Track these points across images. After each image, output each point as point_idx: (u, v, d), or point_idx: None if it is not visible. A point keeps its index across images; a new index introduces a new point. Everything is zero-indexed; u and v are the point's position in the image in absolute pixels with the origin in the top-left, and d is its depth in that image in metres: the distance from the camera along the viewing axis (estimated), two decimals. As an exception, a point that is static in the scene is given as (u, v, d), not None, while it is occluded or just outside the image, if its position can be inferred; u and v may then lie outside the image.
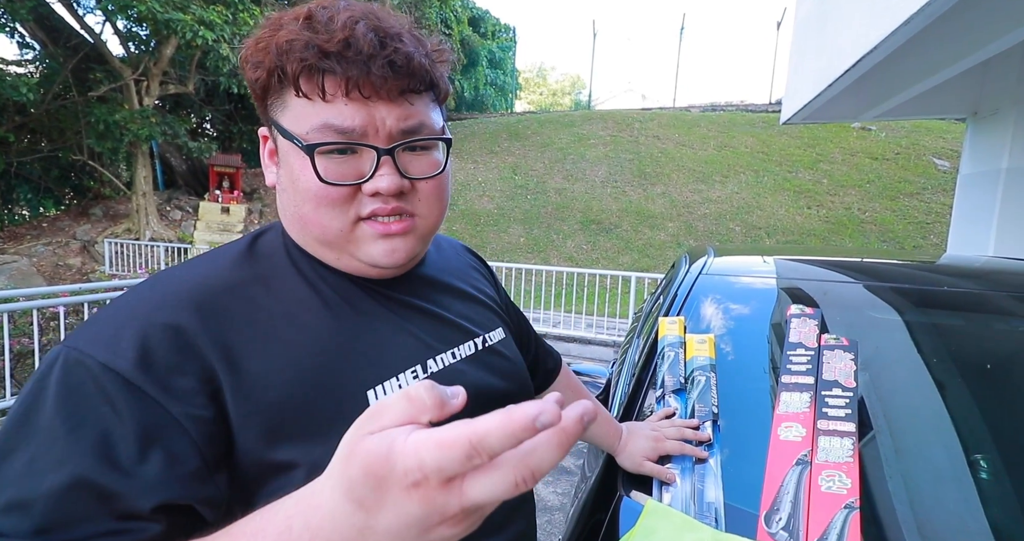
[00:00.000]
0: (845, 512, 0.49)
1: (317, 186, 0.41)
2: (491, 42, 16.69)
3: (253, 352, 0.39)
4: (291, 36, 0.39)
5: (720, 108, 13.11)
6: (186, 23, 7.02)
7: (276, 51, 0.39)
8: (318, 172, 0.40)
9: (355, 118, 0.40)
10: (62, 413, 0.32)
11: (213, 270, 0.43)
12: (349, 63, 0.39)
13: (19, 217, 10.91)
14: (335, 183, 0.41)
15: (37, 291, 3.28)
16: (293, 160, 0.42)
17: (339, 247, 0.44)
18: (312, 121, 0.40)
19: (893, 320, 0.87)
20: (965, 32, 2.36)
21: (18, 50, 10.41)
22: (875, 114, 3.99)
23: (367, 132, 0.41)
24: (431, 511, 0.22)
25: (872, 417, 0.64)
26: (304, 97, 0.40)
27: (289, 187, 0.43)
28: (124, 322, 0.37)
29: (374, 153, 0.41)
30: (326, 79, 0.39)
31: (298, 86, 0.40)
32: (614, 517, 0.60)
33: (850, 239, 8.26)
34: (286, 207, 0.44)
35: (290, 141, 0.41)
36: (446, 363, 0.48)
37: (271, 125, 0.44)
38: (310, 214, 0.42)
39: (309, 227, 0.43)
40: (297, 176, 0.41)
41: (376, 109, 0.40)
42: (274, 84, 0.41)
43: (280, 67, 0.40)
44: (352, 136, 0.40)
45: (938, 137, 10.19)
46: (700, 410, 0.67)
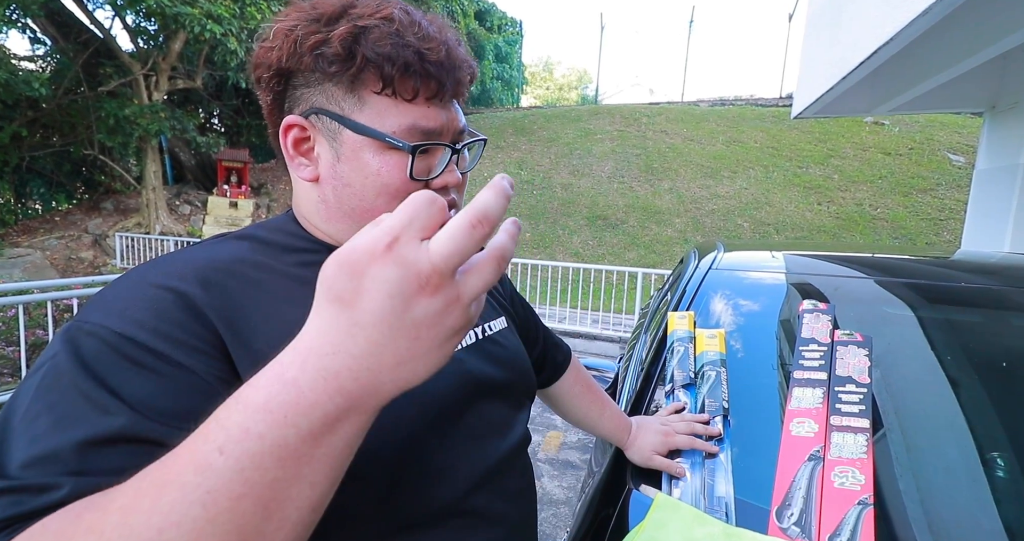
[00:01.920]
0: (859, 508, 0.49)
1: (402, 181, 0.43)
2: (497, 36, 16.60)
3: (256, 331, 0.39)
4: (391, 35, 0.41)
5: (729, 102, 12.97)
6: (194, 17, 7.04)
7: (373, 47, 0.40)
8: (412, 170, 0.43)
9: (439, 120, 0.44)
10: (86, 379, 0.32)
11: (216, 251, 0.43)
12: (444, 70, 0.42)
13: (32, 211, 11.06)
14: (420, 179, 0.44)
15: (51, 283, 3.33)
16: (370, 156, 0.43)
17: None
18: (399, 120, 0.42)
19: (906, 316, 0.86)
20: (984, 22, 2.31)
21: (29, 45, 10.51)
22: (889, 108, 3.93)
23: (443, 133, 0.45)
24: (406, 272, 0.23)
25: (885, 414, 0.63)
26: (388, 96, 0.42)
27: (357, 182, 0.43)
28: (131, 294, 0.37)
29: (448, 151, 0.45)
30: (422, 83, 0.42)
31: (394, 86, 0.41)
32: (623, 511, 0.60)
33: (861, 236, 8.16)
34: (345, 201, 0.44)
35: (375, 138, 0.42)
36: None
37: (315, 114, 0.43)
38: (383, 208, 0.44)
39: (367, 218, 0.44)
40: (375, 171, 0.43)
41: (448, 112, 0.45)
42: (351, 73, 0.41)
43: (375, 64, 0.41)
44: (435, 137, 0.44)
45: (953, 132, 10.01)
46: (710, 405, 0.67)
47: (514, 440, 0.53)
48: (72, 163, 10.77)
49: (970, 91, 3.59)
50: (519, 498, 0.53)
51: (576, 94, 28.29)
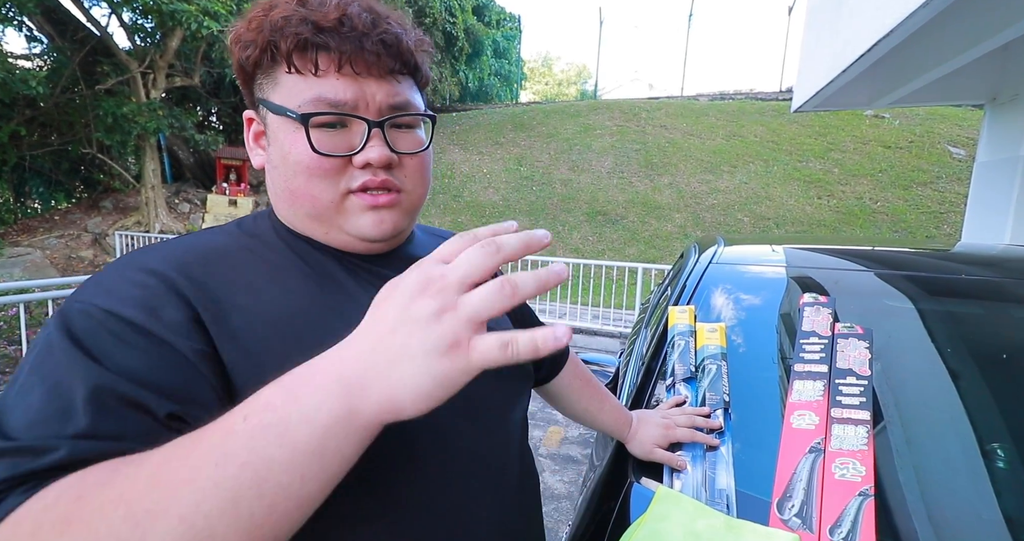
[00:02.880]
0: (859, 499, 0.49)
1: (309, 157, 0.42)
2: (496, 31, 16.51)
3: (235, 309, 0.39)
4: (286, 12, 0.41)
5: (729, 97, 12.92)
6: (191, 14, 7.00)
7: (270, 28, 0.41)
8: (311, 142, 0.41)
9: (347, 92, 0.42)
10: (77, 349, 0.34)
11: (201, 238, 0.45)
12: (343, 39, 0.41)
13: (32, 210, 11.05)
14: (327, 154, 0.42)
15: (52, 282, 3.33)
16: (284, 135, 0.43)
17: (328, 220, 0.45)
18: (304, 95, 0.41)
19: (906, 308, 0.86)
20: (985, 14, 2.30)
21: (26, 44, 10.47)
22: (890, 101, 3.91)
23: (358, 106, 0.42)
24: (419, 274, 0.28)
25: (885, 406, 0.63)
26: (296, 73, 0.42)
27: (280, 163, 0.44)
28: (119, 276, 0.38)
29: (365, 126, 0.43)
30: (320, 54, 0.41)
31: (291, 61, 0.41)
32: (625, 503, 0.60)
33: (861, 229, 8.15)
34: (276, 183, 0.45)
35: (282, 115, 0.42)
36: None
37: (258, 105, 0.45)
38: (301, 186, 0.43)
39: (300, 200, 0.44)
40: (288, 150, 0.43)
41: (366, 85, 0.42)
42: (265, 62, 0.42)
43: (274, 43, 0.41)
44: (344, 109, 0.42)
45: (953, 124, 9.98)
46: (711, 398, 0.67)
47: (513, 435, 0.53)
48: (71, 162, 10.75)
49: (970, 83, 3.58)
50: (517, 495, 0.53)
51: (575, 89, 28.18)
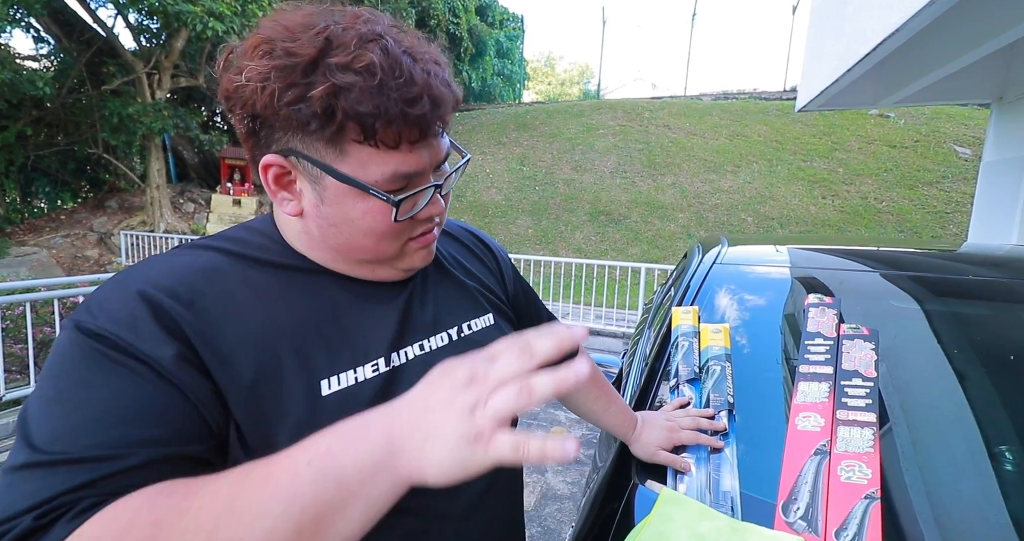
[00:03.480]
0: (865, 502, 0.49)
1: (388, 225, 0.44)
2: (499, 31, 16.50)
3: (223, 333, 0.41)
4: (371, 89, 0.38)
5: (732, 96, 12.87)
6: (196, 15, 7.03)
7: (355, 105, 0.38)
8: (396, 216, 0.44)
9: (420, 161, 0.43)
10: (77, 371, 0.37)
11: (197, 257, 0.45)
12: (427, 113, 0.41)
13: (38, 210, 11.12)
14: (406, 218, 0.45)
15: (58, 281, 3.35)
16: (352, 202, 0.43)
17: (383, 264, 0.49)
18: (382, 169, 0.42)
19: (912, 309, 0.86)
20: (991, 12, 2.28)
21: (33, 45, 10.54)
22: (895, 100, 3.89)
23: (426, 172, 0.45)
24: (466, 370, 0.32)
25: (891, 408, 0.62)
26: (370, 146, 0.41)
27: (341, 223, 0.44)
28: (112, 299, 0.40)
29: (432, 188, 0.45)
30: (404, 129, 0.41)
31: (375, 137, 0.40)
32: (629, 505, 0.60)
33: (866, 229, 8.11)
34: (330, 238, 0.46)
35: (359, 188, 0.42)
36: (411, 356, 0.50)
37: (294, 156, 0.42)
38: (370, 245, 0.46)
39: (363, 253, 0.47)
40: (360, 215, 0.44)
41: (427, 150, 0.44)
42: (327, 127, 0.39)
43: (355, 120, 0.39)
44: (416, 178, 0.44)
45: (959, 124, 9.91)
46: (715, 400, 0.67)
47: None
48: (77, 162, 10.82)
49: (977, 82, 3.55)
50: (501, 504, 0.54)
51: (578, 89, 28.14)
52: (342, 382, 0.44)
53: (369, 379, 0.46)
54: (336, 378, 0.44)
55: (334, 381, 0.44)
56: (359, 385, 0.45)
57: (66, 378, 0.36)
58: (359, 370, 0.45)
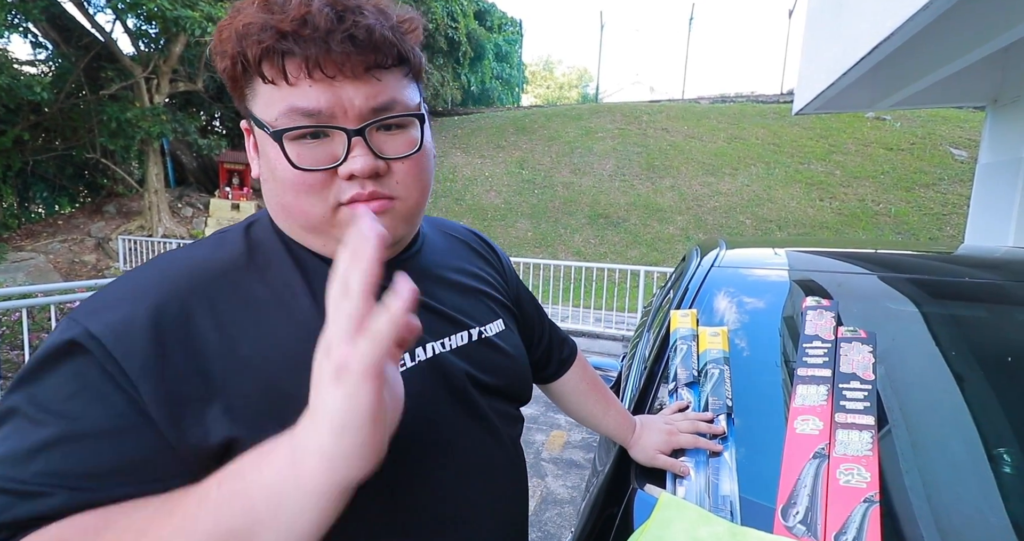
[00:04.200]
0: (864, 506, 0.49)
1: (292, 173, 0.40)
2: (497, 36, 16.58)
3: (243, 336, 0.39)
4: (248, 19, 0.38)
5: (730, 99, 12.93)
6: (195, 20, 7.06)
7: (236, 37, 0.38)
8: (289, 158, 0.39)
9: (320, 99, 0.38)
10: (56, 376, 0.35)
11: (211, 254, 0.43)
12: (307, 41, 0.37)
13: (35, 215, 11.10)
14: (308, 169, 0.39)
15: (55, 287, 3.34)
16: (268, 149, 0.41)
17: (323, 232, 0.43)
18: (279, 106, 0.39)
19: (910, 312, 0.86)
20: (985, 17, 2.30)
21: (31, 50, 10.55)
22: (891, 103, 3.91)
23: (335, 113, 0.39)
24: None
25: (890, 410, 0.62)
26: (270, 82, 0.39)
27: (269, 177, 0.42)
28: (121, 298, 0.38)
29: (344, 135, 0.39)
30: (286, 61, 0.38)
31: (261, 71, 0.38)
32: (628, 510, 0.60)
33: (863, 231, 8.14)
34: (269, 197, 0.44)
35: (262, 129, 0.40)
36: (435, 352, 0.48)
37: (248, 116, 0.43)
38: (291, 202, 0.41)
39: (293, 215, 0.43)
40: (275, 165, 0.40)
41: (342, 89, 0.39)
42: (239, 73, 0.40)
43: (242, 53, 0.38)
44: (320, 119, 0.39)
45: (955, 126, 9.97)
46: (714, 403, 0.67)
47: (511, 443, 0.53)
48: (74, 166, 10.81)
49: (971, 85, 3.57)
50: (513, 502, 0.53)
51: (576, 93, 28.24)
52: None
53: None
54: None
55: None
56: None
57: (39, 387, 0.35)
58: None
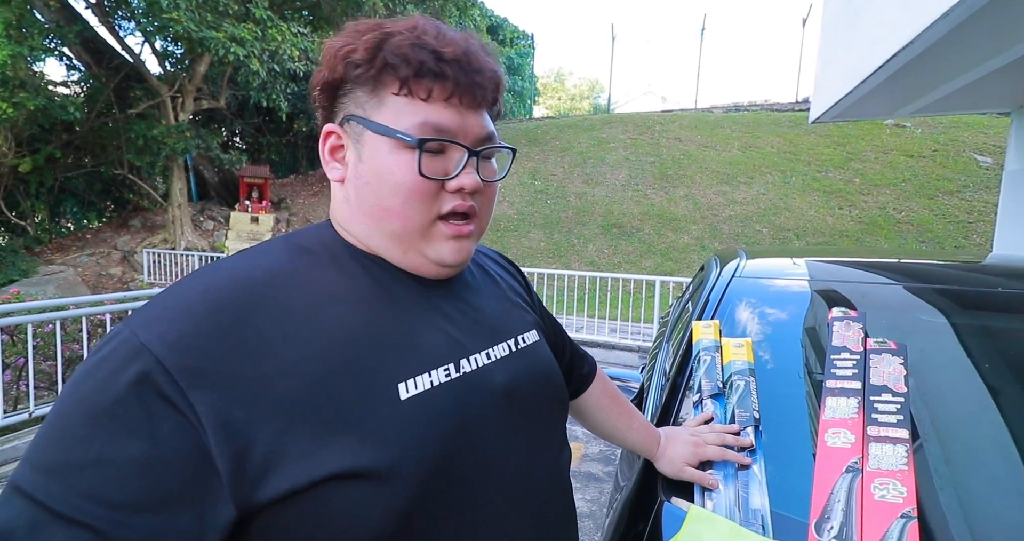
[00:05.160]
0: (902, 522, 0.48)
1: (412, 179, 0.44)
2: (509, 49, 16.83)
3: (287, 339, 0.40)
4: (411, 40, 0.43)
5: (744, 108, 12.87)
6: (219, 41, 7.32)
7: (392, 51, 0.43)
8: (420, 165, 0.43)
9: (452, 120, 0.45)
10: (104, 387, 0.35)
11: (256, 261, 0.44)
12: (461, 72, 0.44)
13: (65, 229, 11.50)
14: (431, 177, 0.44)
15: (86, 299, 3.44)
16: (384, 155, 0.44)
17: (412, 243, 0.47)
18: (412, 119, 0.44)
19: (939, 323, 0.84)
20: (1010, 21, 2.26)
21: (65, 72, 11.03)
22: (911, 110, 3.85)
23: (458, 135, 0.45)
24: None
25: (923, 424, 0.61)
26: (406, 96, 0.44)
27: (373, 180, 0.45)
28: (167, 310, 0.39)
29: (464, 153, 0.45)
30: (436, 82, 0.44)
31: (408, 85, 0.43)
32: (656, 523, 0.59)
33: (885, 240, 7.96)
34: (364, 199, 0.46)
35: (389, 136, 0.44)
36: (479, 364, 0.49)
37: (346, 121, 0.46)
38: (396, 207, 0.45)
39: (391, 220, 0.45)
40: (389, 169, 0.44)
41: (464, 115, 0.45)
42: (372, 78, 0.44)
43: (393, 66, 0.43)
44: (448, 136, 0.45)
45: (979, 132, 9.75)
46: (741, 415, 0.66)
47: (554, 456, 0.53)
48: (103, 183, 11.21)
49: (995, 91, 3.50)
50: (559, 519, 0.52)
51: (588, 104, 28.40)
52: (419, 386, 0.43)
53: (443, 384, 0.44)
54: (412, 382, 0.43)
55: (411, 385, 0.42)
56: (435, 389, 0.44)
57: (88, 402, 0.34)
58: (433, 374, 0.44)
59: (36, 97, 7.53)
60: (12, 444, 2.75)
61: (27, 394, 2.93)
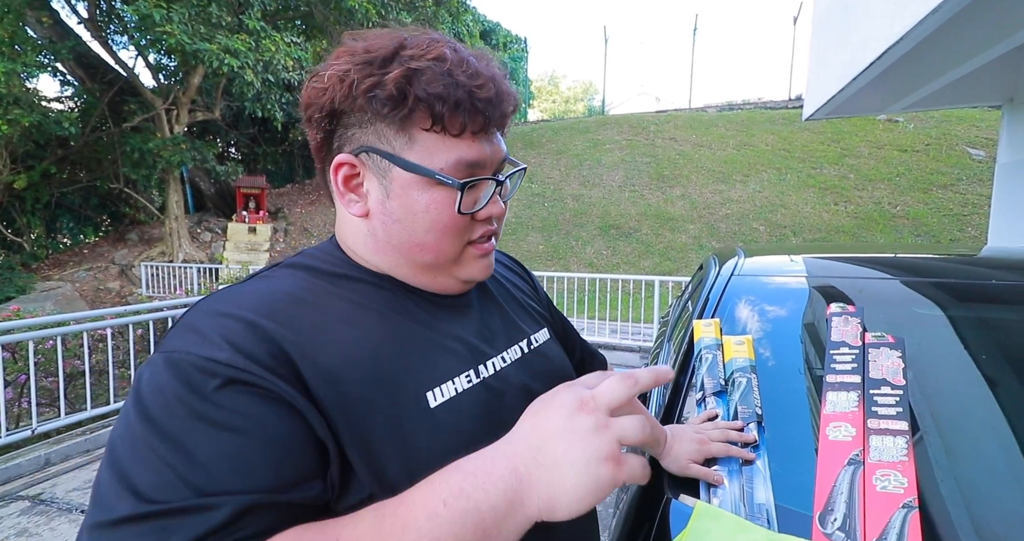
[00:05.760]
0: (904, 511, 0.49)
1: (451, 217, 0.45)
2: (503, 54, 16.92)
3: (319, 351, 0.40)
4: (442, 77, 0.42)
5: (737, 107, 12.94)
6: (213, 52, 7.34)
7: (425, 88, 0.41)
8: (459, 205, 0.44)
9: (481, 153, 0.45)
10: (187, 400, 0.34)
11: (276, 284, 0.45)
12: (492, 106, 0.44)
13: (62, 245, 11.48)
14: (468, 213, 0.45)
15: (86, 315, 3.45)
16: (417, 193, 0.44)
17: (443, 270, 0.48)
18: (447, 156, 0.43)
19: (935, 316, 0.85)
20: (997, 17, 2.29)
21: (59, 87, 11.07)
22: (903, 106, 3.89)
23: (486, 165, 0.46)
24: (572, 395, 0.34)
25: (922, 416, 0.62)
26: (436, 132, 0.43)
27: (405, 217, 0.45)
28: (206, 326, 0.38)
29: (493, 184, 0.47)
30: (470, 119, 0.43)
31: (443, 122, 0.42)
32: (664, 520, 0.60)
33: (881, 234, 8.00)
34: (394, 235, 0.46)
35: (424, 176, 0.43)
36: (497, 367, 0.50)
37: (366, 152, 0.44)
38: (431, 242, 0.46)
39: (424, 254, 0.46)
40: (424, 208, 0.44)
41: (488, 143, 0.46)
42: (401, 114, 0.42)
43: (427, 104, 0.42)
44: (477, 169, 0.45)
45: (971, 126, 9.82)
46: (743, 412, 0.67)
47: None
48: (98, 197, 11.20)
49: (986, 85, 3.54)
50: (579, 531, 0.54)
51: (583, 106, 28.52)
52: (445, 393, 0.44)
53: (467, 390, 0.46)
54: (440, 390, 0.44)
55: (438, 393, 0.44)
56: (460, 396, 0.45)
57: (172, 418, 0.34)
58: (456, 381, 0.46)
59: (31, 114, 7.55)
60: (16, 462, 2.74)
61: (29, 411, 2.92)
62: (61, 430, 3.01)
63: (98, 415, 3.13)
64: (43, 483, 2.67)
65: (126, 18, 8.75)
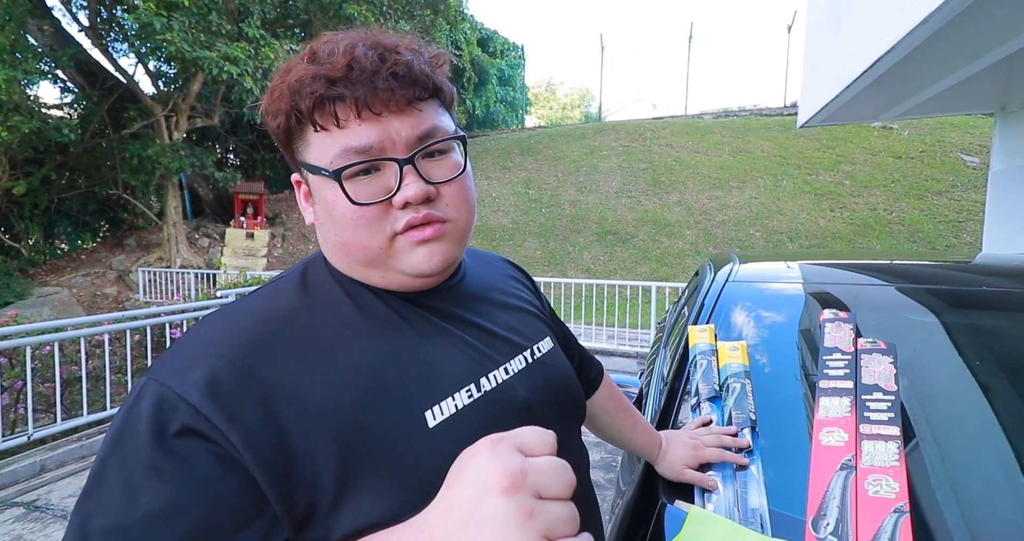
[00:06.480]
0: (895, 516, 0.49)
1: (351, 210, 0.42)
2: (500, 61, 17.05)
3: (316, 378, 0.40)
4: (299, 74, 0.42)
5: (733, 113, 13.05)
6: (212, 60, 7.39)
7: (289, 93, 0.42)
8: (348, 195, 0.42)
9: (370, 136, 0.42)
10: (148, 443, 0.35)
11: (273, 302, 0.45)
12: (355, 84, 0.40)
13: (60, 250, 11.46)
14: (366, 203, 0.42)
15: (84, 320, 3.44)
16: (325, 192, 0.44)
17: (382, 264, 0.45)
18: (333, 150, 0.42)
19: (929, 322, 0.86)
20: (988, 26, 2.33)
21: (59, 94, 11.10)
22: (897, 113, 3.93)
23: (385, 147, 0.42)
24: (493, 463, 0.26)
25: (915, 421, 0.63)
26: (322, 130, 0.42)
27: (326, 219, 0.45)
28: (196, 356, 0.39)
29: (395, 165, 0.42)
30: (337, 106, 0.41)
31: (314, 120, 0.42)
32: (658, 526, 0.61)
33: (877, 240, 8.04)
34: (327, 239, 0.46)
35: (318, 174, 0.43)
36: (499, 380, 0.48)
37: (300, 168, 0.46)
38: (349, 239, 0.44)
39: (351, 252, 0.45)
40: (332, 206, 0.43)
41: (389, 123, 0.42)
42: (294, 126, 0.44)
43: (295, 107, 0.42)
44: (371, 154, 0.42)
45: (965, 133, 9.92)
46: (737, 417, 0.68)
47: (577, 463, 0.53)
48: (97, 203, 11.20)
49: (978, 94, 3.58)
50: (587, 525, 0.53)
51: (579, 112, 28.70)
52: (445, 411, 0.43)
53: (468, 406, 0.44)
54: (439, 407, 0.43)
55: (437, 411, 0.42)
56: (460, 413, 0.44)
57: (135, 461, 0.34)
58: (456, 397, 0.44)
59: (31, 120, 7.57)
60: (12, 468, 2.72)
61: (25, 417, 2.91)
62: (57, 436, 3.00)
63: (94, 421, 3.12)
64: (38, 489, 2.66)
65: (127, 26, 8.80)
